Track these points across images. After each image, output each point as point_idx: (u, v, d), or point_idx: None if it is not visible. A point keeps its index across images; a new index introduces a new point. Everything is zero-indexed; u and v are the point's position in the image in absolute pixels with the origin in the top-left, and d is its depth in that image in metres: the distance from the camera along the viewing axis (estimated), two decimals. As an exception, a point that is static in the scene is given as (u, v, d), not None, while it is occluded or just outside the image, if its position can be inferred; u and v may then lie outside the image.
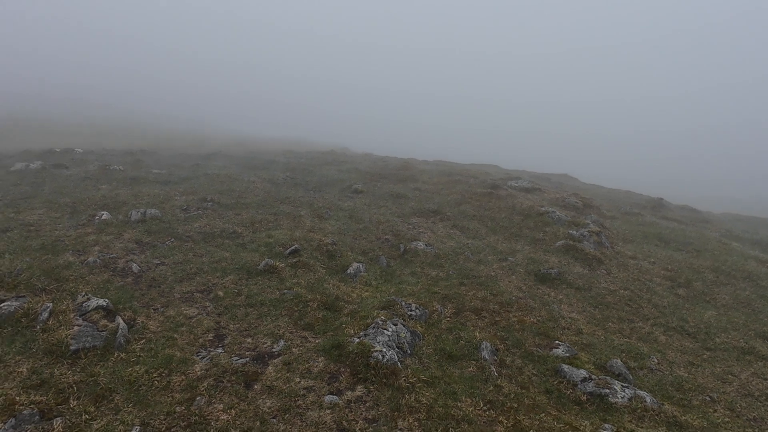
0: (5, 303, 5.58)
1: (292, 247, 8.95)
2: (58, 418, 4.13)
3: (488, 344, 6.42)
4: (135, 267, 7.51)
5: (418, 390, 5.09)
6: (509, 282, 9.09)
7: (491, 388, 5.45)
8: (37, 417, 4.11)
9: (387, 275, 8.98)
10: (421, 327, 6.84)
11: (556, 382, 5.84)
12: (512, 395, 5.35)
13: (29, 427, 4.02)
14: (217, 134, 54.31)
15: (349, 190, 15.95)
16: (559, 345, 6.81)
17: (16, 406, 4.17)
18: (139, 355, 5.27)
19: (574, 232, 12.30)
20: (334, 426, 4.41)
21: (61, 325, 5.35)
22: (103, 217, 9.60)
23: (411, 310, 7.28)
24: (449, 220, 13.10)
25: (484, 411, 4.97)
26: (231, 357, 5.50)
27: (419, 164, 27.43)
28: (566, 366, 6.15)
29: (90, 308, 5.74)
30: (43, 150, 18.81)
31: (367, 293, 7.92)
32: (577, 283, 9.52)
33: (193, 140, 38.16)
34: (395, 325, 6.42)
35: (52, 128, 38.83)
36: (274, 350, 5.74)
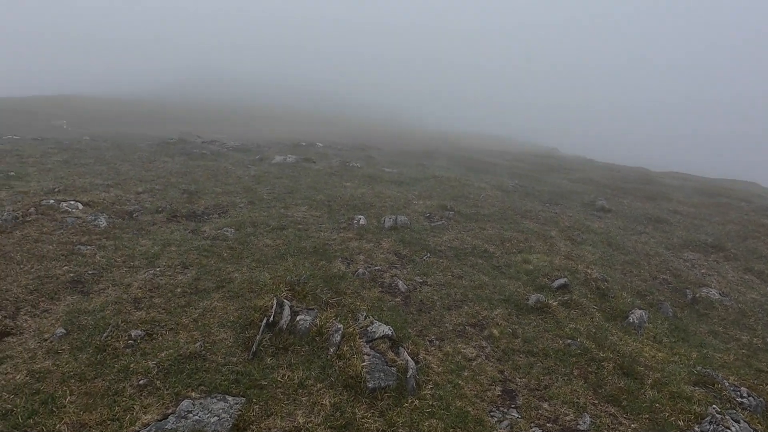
0: (300, 317, 5.55)
1: (560, 281, 7.76)
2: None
3: None
4: (401, 285, 7.17)
5: None
6: None
7: None
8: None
9: (679, 331, 7.20)
10: (761, 425, 5.06)
11: None
12: None
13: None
14: (420, 128, 55.77)
15: (593, 207, 14.06)
16: None
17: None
18: (432, 404, 4.69)
19: None
20: None
21: (353, 354, 5.06)
22: (361, 222, 9.69)
23: (740, 396, 5.51)
24: (737, 260, 10.43)
25: None
26: (530, 426, 4.59)
27: (660, 177, 23.65)
28: None
29: (376, 336, 5.40)
30: (293, 143, 20.88)
31: (661, 354, 6.34)
32: None
33: (405, 135, 39.51)
34: (737, 422, 4.80)
35: (277, 115, 44.07)
36: (580, 428, 4.66)
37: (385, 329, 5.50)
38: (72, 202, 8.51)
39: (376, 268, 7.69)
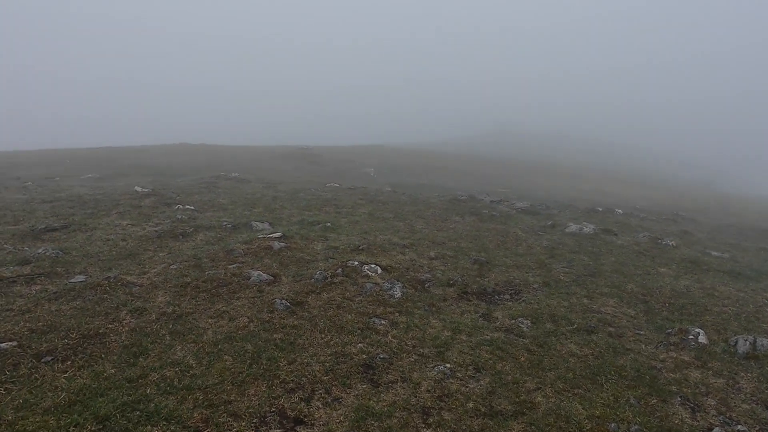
0: None
1: None
2: None
3: None
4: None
5: None
6: None
7: None
8: None
9: None
10: None
11: None
12: None
13: None
14: (744, 195, 45.04)
15: None
16: None
17: None
18: None
19: None
20: None
21: None
22: (700, 339, 7.16)
23: None
24: None
25: None
26: None
27: None
28: None
29: None
30: (587, 207, 18.70)
31: None
32: None
33: (727, 202, 32.07)
34: None
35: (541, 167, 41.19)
36: None
37: None
38: (372, 266, 8.61)
39: (740, 428, 5.22)
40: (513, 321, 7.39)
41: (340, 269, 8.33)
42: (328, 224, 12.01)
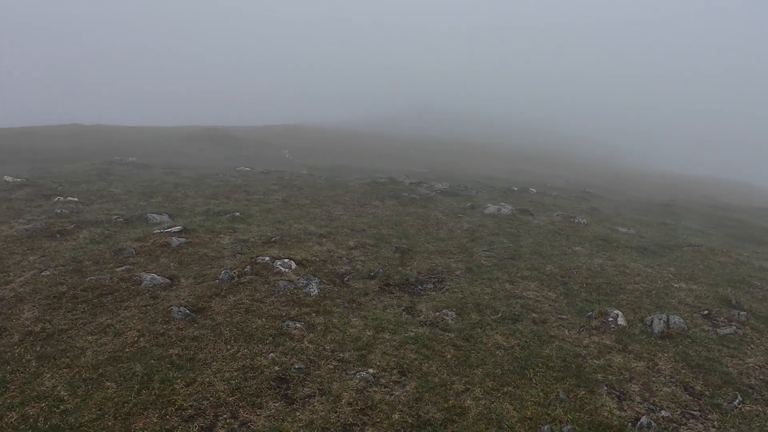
0: None
1: None
2: None
3: None
4: (718, 462, 4.56)
5: None
6: None
7: None
8: None
9: None
10: None
11: None
12: None
13: None
14: (641, 170, 48.88)
15: None
16: None
17: None
18: None
19: None
20: None
21: None
22: (619, 321, 7.20)
23: None
24: None
25: None
26: None
27: None
28: None
29: None
30: (504, 188, 18.99)
31: None
32: None
33: (626, 177, 34.44)
34: None
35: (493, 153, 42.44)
36: None
37: None
38: (286, 261, 7.85)
39: (664, 414, 5.18)
40: (437, 313, 7.01)
41: (249, 267, 7.49)
42: (237, 214, 10.99)
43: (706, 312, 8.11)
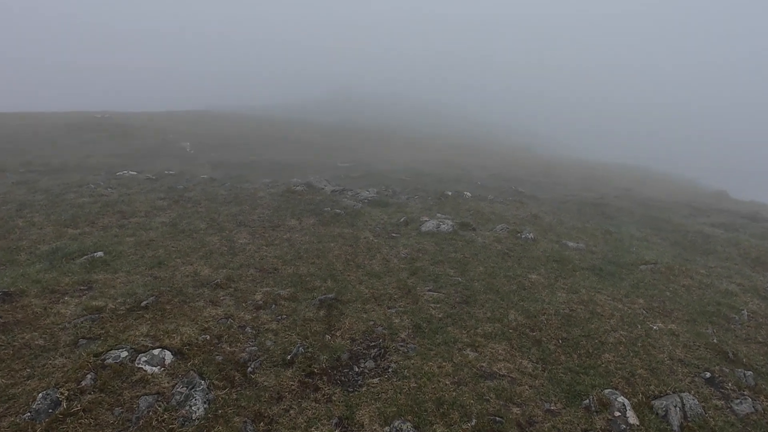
0: None
1: None
2: None
3: None
4: None
5: None
6: None
7: None
8: None
9: None
10: None
11: None
12: None
13: None
14: (552, 155, 49.79)
15: None
16: None
17: None
18: None
19: None
20: None
21: None
22: (628, 416, 5.34)
23: None
24: None
25: None
26: None
27: None
28: None
29: None
30: (437, 192, 17.01)
31: None
32: None
33: (546, 165, 34.19)
34: None
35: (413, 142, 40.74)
36: None
37: None
38: (157, 352, 5.19)
39: None
40: (388, 429, 4.76)
41: (90, 374, 4.74)
42: (99, 254, 7.99)
43: (708, 376, 6.58)
